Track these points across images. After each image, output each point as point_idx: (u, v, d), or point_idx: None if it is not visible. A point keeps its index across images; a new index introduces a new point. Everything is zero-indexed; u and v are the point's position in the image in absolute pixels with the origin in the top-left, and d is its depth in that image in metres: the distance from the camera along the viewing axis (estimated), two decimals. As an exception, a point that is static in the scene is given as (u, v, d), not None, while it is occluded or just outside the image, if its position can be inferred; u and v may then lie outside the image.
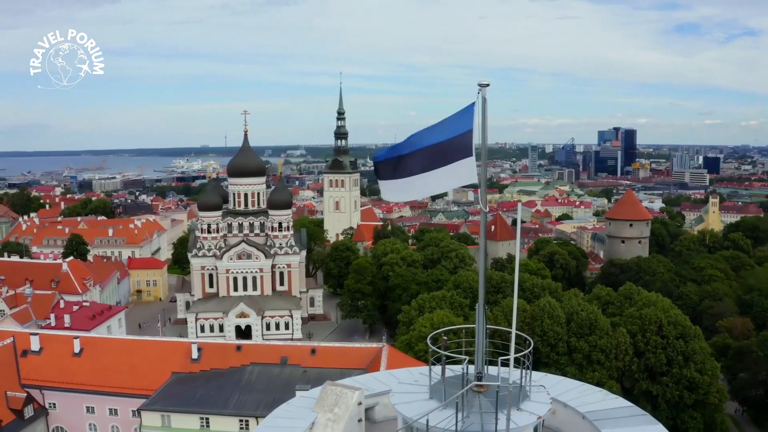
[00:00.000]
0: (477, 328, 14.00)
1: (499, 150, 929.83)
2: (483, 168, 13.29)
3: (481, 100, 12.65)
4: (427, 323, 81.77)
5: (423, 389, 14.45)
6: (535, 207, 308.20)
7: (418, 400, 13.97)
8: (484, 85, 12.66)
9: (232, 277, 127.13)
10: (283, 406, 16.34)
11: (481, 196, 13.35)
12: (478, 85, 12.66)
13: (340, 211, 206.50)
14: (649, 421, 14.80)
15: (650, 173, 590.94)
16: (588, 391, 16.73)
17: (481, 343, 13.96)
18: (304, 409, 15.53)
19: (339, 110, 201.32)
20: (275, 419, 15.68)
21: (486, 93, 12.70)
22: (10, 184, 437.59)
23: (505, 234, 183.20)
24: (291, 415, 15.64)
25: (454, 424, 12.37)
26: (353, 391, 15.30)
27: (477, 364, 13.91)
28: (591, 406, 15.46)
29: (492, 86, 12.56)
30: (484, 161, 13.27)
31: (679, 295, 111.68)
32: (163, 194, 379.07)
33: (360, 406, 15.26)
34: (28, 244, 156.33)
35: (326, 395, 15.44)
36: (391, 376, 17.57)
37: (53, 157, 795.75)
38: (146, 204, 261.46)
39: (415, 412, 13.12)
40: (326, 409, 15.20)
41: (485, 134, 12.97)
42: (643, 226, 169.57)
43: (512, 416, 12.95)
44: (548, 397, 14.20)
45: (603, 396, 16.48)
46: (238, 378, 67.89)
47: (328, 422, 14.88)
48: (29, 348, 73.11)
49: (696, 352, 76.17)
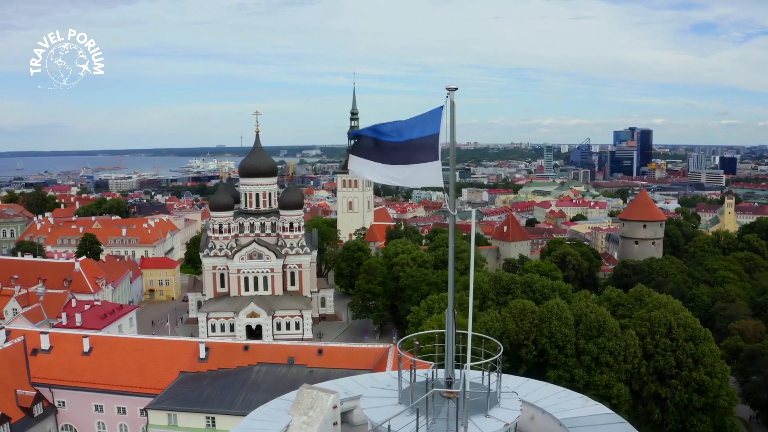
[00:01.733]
0: (446, 333, 13.95)
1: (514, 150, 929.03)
2: (451, 172, 13.22)
3: (449, 104, 12.57)
4: (434, 324, 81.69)
5: (395, 394, 14.41)
6: (550, 207, 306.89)
7: (387, 405, 13.92)
8: (452, 89, 12.57)
9: (243, 276, 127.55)
10: (261, 408, 16.32)
11: (450, 199, 13.27)
12: (447, 89, 12.58)
13: (353, 211, 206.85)
14: (628, 430, 14.66)
15: (666, 174, 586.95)
16: (569, 397, 16.58)
17: (450, 347, 13.90)
18: (280, 412, 15.52)
19: (352, 110, 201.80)
20: (251, 421, 15.67)
21: (454, 97, 12.62)
22: (27, 183, 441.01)
23: (517, 235, 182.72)
24: (267, 417, 15.62)
25: (416, 429, 12.31)
26: (328, 394, 15.25)
27: (446, 369, 13.85)
28: (569, 412, 15.31)
29: (506, 86, 12.53)
30: (453, 165, 13.20)
31: (692, 296, 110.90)
32: (178, 194, 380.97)
33: (335, 410, 15.21)
34: (42, 243, 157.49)
35: (302, 398, 15.41)
36: (372, 379, 17.53)
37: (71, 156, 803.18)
38: (160, 204, 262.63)
39: (383, 417, 13.08)
40: (301, 412, 15.16)
41: (454, 138, 12.90)
42: (656, 227, 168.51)
43: (479, 423, 12.87)
44: (519, 403, 14.08)
45: (583, 402, 16.33)
46: (244, 378, 68.00)
47: (302, 425, 14.84)
48: (39, 347, 73.70)
49: (706, 354, 75.50)
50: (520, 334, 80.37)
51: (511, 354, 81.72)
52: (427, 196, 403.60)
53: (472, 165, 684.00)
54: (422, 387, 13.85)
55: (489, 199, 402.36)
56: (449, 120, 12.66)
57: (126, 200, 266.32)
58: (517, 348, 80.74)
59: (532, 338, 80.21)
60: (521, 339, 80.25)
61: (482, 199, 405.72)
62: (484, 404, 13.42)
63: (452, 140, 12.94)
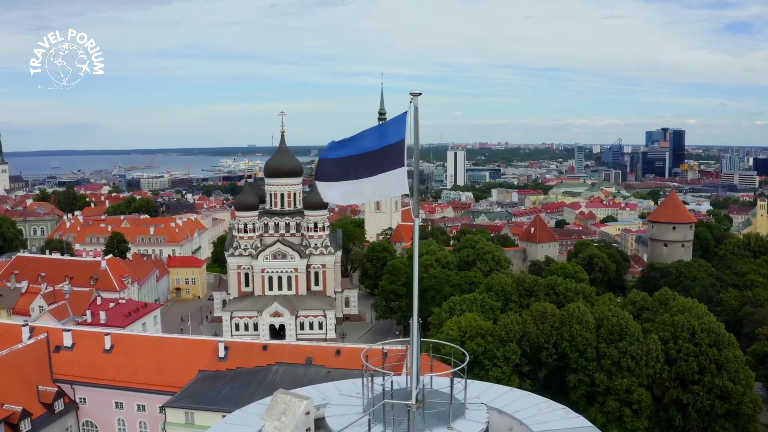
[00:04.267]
0: (411, 342, 13.76)
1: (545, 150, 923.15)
2: (415, 177, 13.04)
3: (413, 110, 12.42)
4: (454, 326, 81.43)
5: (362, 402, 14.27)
6: (580, 208, 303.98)
7: (351, 413, 13.79)
8: (415, 94, 12.42)
9: (267, 276, 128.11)
10: (237, 412, 16.32)
11: (413, 205, 13.10)
12: (410, 95, 12.42)
13: (380, 212, 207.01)
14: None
15: (699, 175, 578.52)
16: (550, 408, 16.26)
17: (416, 357, 13.70)
18: (255, 416, 15.49)
19: (380, 110, 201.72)
20: (225, 425, 15.68)
21: (418, 102, 12.46)
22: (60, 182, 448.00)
23: (544, 236, 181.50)
24: (241, 421, 15.60)
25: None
26: (301, 400, 15.16)
27: (411, 379, 13.65)
28: (548, 424, 15.00)
29: (537, 86, 12.40)
30: (416, 171, 13.04)
31: (719, 300, 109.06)
32: (209, 193, 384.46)
33: (308, 416, 15.12)
34: (71, 241, 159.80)
35: (276, 403, 15.35)
36: (353, 385, 17.40)
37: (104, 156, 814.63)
38: (189, 203, 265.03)
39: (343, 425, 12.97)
40: (274, 417, 15.09)
41: (417, 144, 12.75)
42: (686, 230, 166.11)
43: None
44: (486, 415, 13.83)
45: (564, 414, 15.99)
46: (262, 377, 68.20)
47: (274, 430, 14.79)
48: (62, 344, 74.61)
49: (729, 360, 74.07)
50: (540, 337, 79.65)
51: (532, 357, 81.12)
52: (456, 197, 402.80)
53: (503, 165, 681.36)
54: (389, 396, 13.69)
55: (518, 199, 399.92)
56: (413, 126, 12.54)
57: (155, 199, 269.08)
58: (538, 351, 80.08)
59: (552, 341, 79.43)
60: (541, 342, 79.54)
61: (511, 199, 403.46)
62: (446, 415, 13.19)
63: (416, 145, 12.80)
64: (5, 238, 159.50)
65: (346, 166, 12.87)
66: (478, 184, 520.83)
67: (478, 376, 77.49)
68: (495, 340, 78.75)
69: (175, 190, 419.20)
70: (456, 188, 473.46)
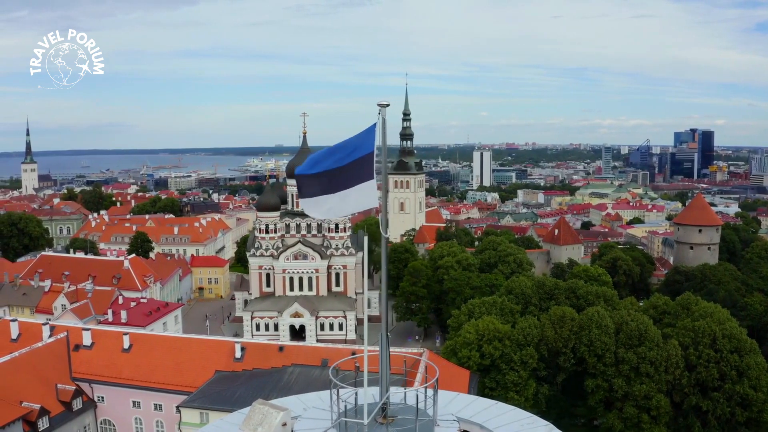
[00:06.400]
0: (380, 355, 13.60)
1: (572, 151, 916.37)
2: (384, 190, 12.89)
3: (381, 121, 12.26)
4: (471, 329, 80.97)
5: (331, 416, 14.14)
6: (606, 210, 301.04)
7: (319, 427, 13.68)
8: (383, 105, 12.27)
9: (288, 276, 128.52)
10: (216, 421, 16.33)
11: (382, 219, 12.93)
12: (378, 106, 12.27)
13: (404, 212, 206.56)
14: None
15: (728, 176, 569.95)
16: (532, 425, 15.97)
17: (385, 370, 13.53)
18: (234, 426, 15.47)
19: (404, 111, 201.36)
20: (203, 435, 15.67)
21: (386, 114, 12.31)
22: (88, 181, 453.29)
23: (568, 238, 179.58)
24: (220, 431, 15.60)
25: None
26: (278, 411, 15.11)
27: (380, 393, 13.49)
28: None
29: (565, 86, 12.22)
30: (385, 182, 12.90)
31: (744, 305, 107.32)
32: (235, 193, 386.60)
33: (284, 427, 15.05)
34: (96, 240, 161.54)
35: (253, 414, 15.31)
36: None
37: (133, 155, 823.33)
38: (213, 203, 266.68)
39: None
40: (250, 428, 15.06)
41: (385, 155, 12.59)
42: (712, 232, 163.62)
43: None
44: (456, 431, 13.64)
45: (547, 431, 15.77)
46: (277, 379, 68.40)
47: (249, 441, 14.75)
48: (81, 342, 75.37)
49: (751, 367, 72.98)
50: (558, 341, 79.08)
51: (549, 361, 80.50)
52: (481, 197, 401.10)
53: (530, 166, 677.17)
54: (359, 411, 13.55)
55: (545, 201, 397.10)
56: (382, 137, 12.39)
57: (180, 199, 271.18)
58: (555, 355, 79.49)
59: (570, 346, 78.80)
60: (559, 346, 78.97)
61: (537, 200, 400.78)
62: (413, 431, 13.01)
63: (384, 158, 12.64)
64: (31, 237, 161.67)
65: (325, 181, 12.76)
66: (504, 184, 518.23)
67: (495, 379, 77.26)
68: (512, 344, 78.24)
69: (202, 190, 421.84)
70: (482, 189, 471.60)
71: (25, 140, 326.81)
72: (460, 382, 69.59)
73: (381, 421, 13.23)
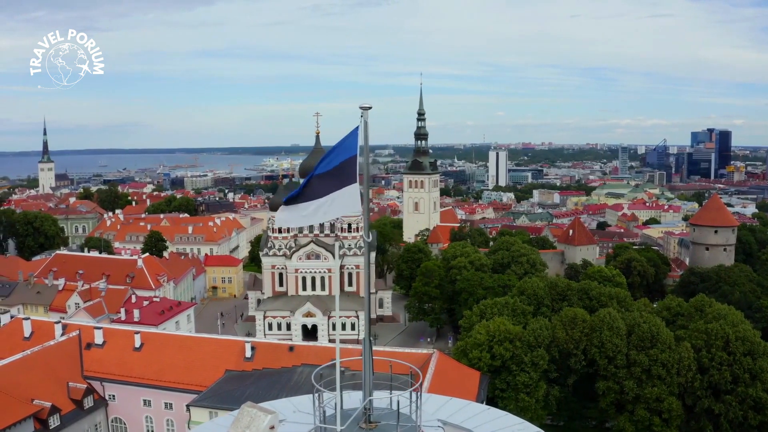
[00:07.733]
0: (363, 361, 13.51)
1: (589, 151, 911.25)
2: (365, 193, 12.77)
3: (363, 125, 12.17)
4: (482, 330, 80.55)
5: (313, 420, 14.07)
6: (622, 210, 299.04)
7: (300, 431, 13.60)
8: (365, 108, 12.18)
9: (300, 276, 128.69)
10: (207, 423, 16.33)
11: (365, 223, 12.83)
12: (360, 108, 12.18)
13: (419, 212, 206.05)
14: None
15: (745, 176, 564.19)
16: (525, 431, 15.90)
17: (368, 376, 13.43)
18: (223, 428, 15.46)
19: (419, 111, 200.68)
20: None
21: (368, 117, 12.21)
22: (105, 180, 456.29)
23: (583, 239, 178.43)
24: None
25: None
26: (266, 414, 15.06)
27: (364, 398, 13.40)
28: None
29: (582, 86, 12.05)
30: (367, 186, 12.76)
31: (759, 307, 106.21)
32: (250, 192, 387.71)
33: (272, 430, 15.01)
34: (111, 239, 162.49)
35: (242, 417, 15.28)
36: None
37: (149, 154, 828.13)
38: (228, 202, 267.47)
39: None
40: (239, 430, 15.05)
41: (368, 159, 12.48)
42: (728, 233, 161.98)
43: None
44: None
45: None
46: (287, 378, 68.42)
47: (237, 444, 14.70)
48: (93, 341, 75.85)
49: (764, 370, 72.03)
50: (569, 342, 78.56)
51: (560, 363, 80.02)
52: (497, 197, 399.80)
53: (546, 166, 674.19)
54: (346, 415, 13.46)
55: (560, 201, 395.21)
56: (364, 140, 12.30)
57: (195, 198, 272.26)
58: (566, 357, 78.99)
59: (581, 347, 78.26)
60: (571, 348, 78.44)
61: (553, 200, 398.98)
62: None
63: (366, 161, 12.53)
64: (46, 235, 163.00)
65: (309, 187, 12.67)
66: (519, 184, 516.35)
67: (505, 381, 76.89)
68: (523, 345, 77.80)
69: (218, 189, 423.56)
70: (497, 189, 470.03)
71: (42, 139, 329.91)
72: (471, 384, 69.32)
73: (363, 426, 13.14)
